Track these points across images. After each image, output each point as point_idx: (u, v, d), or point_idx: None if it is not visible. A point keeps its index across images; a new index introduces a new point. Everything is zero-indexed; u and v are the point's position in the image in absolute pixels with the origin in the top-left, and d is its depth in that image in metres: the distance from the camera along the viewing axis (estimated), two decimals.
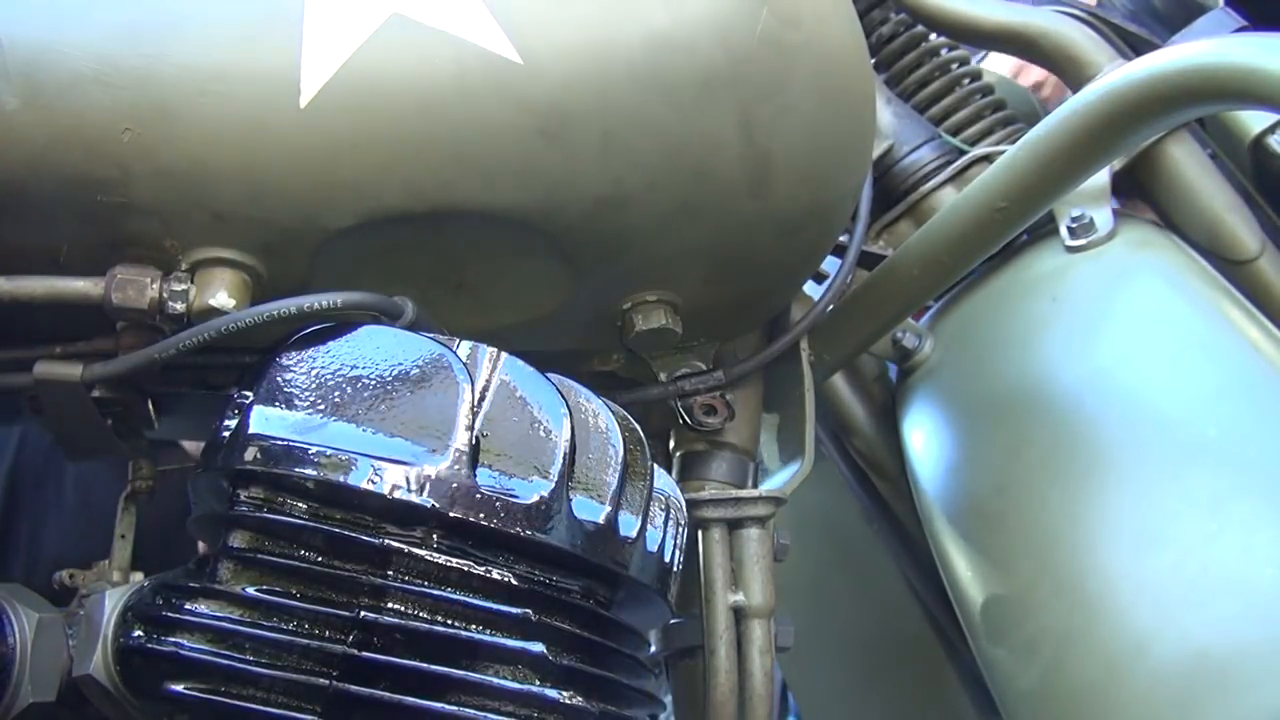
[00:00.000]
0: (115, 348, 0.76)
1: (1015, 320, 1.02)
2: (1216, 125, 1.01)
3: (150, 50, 0.70)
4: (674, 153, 0.76)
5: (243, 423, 0.67)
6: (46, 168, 0.70)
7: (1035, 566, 0.89)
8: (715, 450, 0.94)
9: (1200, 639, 0.78)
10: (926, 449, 1.04)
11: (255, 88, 0.70)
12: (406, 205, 0.74)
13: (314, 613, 0.63)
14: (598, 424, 0.71)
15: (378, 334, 0.70)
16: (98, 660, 0.69)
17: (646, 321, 0.83)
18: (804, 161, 0.80)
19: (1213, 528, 0.81)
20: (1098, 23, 1.05)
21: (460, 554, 0.65)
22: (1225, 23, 1.05)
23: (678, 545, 0.75)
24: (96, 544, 0.81)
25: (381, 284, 0.75)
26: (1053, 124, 0.86)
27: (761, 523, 0.91)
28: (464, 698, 0.63)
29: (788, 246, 0.84)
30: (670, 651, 0.94)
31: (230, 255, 0.74)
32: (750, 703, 0.88)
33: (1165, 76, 0.78)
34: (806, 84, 0.78)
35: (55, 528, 1.50)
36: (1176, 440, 0.87)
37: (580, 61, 0.73)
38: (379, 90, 0.71)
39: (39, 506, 1.52)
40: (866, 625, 1.30)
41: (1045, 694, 0.86)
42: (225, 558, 0.66)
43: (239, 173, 0.71)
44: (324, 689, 0.61)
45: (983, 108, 1.16)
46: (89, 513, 1.50)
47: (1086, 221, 1.00)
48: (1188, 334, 0.91)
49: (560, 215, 0.76)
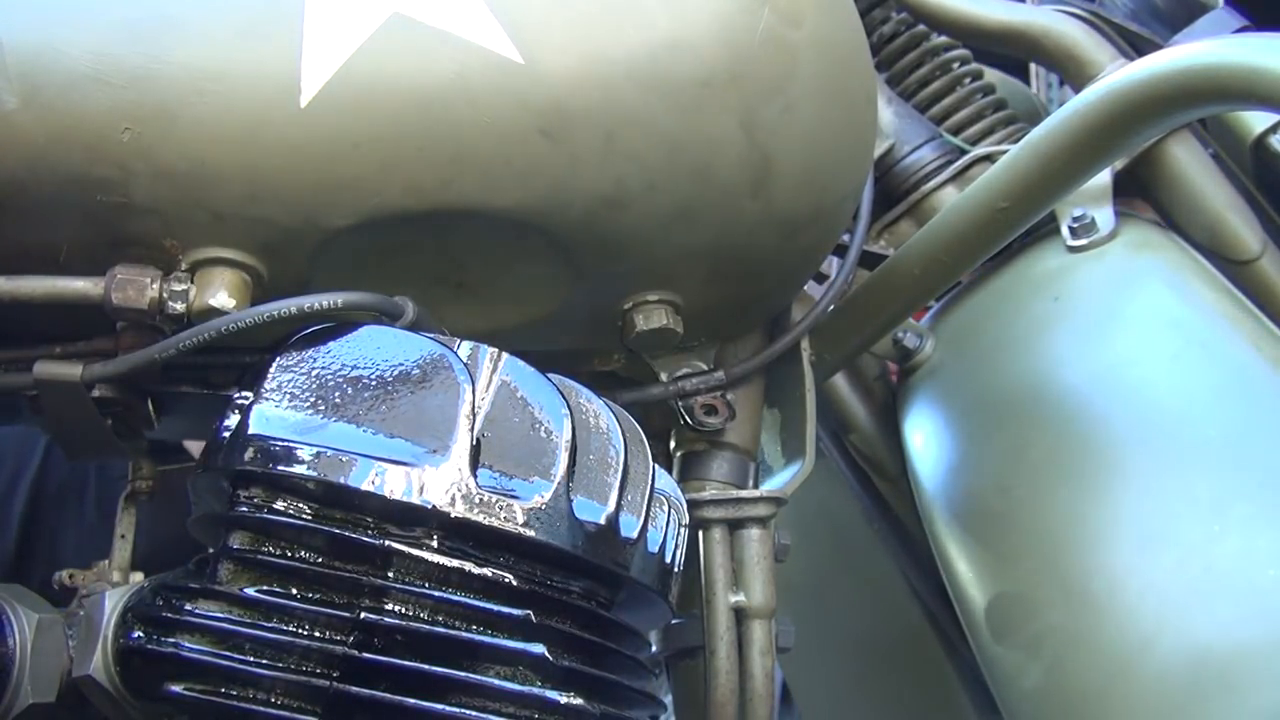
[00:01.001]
0: (115, 348, 0.76)
1: (1017, 320, 1.02)
2: (1218, 125, 1.01)
3: (150, 50, 0.70)
4: (675, 153, 0.76)
5: (243, 423, 0.67)
6: (46, 167, 0.70)
7: (1037, 566, 0.89)
8: (716, 450, 0.94)
9: (1203, 639, 0.78)
10: (927, 449, 1.04)
11: (255, 87, 0.70)
12: (407, 205, 0.74)
13: (314, 613, 0.63)
14: (599, 424, 0.71)
15: (378, 334, 0.70)
16: (98, 661, 0.69)
17: (647, 322, 0.83)
18: (805, 161, 0.80)
19: (1215, 528, 0.81)
20: (1099, 22, 1.05)
21: (461, 555, 0.64)
22: (1226, 23, 1.05)
23: (679, 546, 0.75)
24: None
25: (382, 284, 0.75)
26: (1054, 124, 0.85)
27: (762, 523, 0.91)
28: (464, 699, 0.62)
29: (789, 247, 0.84)
30: (671, 652, 0.94)
31: (230, 255, 0.74)
32: (751, 703, 0.88)
33: (1167, 76, 0.78)
34: (808, 84, 0.78)
35: (74, 546, 1.50)
36: (1178, 440, 0.87)
37: (581, 61, 0.73)
38: (379, 90, 0.71)
39: (59, 523, 1.51)
40: (866, 625, 1.30)
41: (1047, 694, 0.86)
42: (225, 558, 0.66)
43: (239, 172, 0.71)
44: (324, 690, 0.61)
45: (984, 107, 1.16)
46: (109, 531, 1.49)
47: (1088, 221, 1.00)
48: (1189, 334, 0.91)
49: (561, 215, 0.76)
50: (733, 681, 0.88)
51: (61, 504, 1.52)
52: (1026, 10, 1.06)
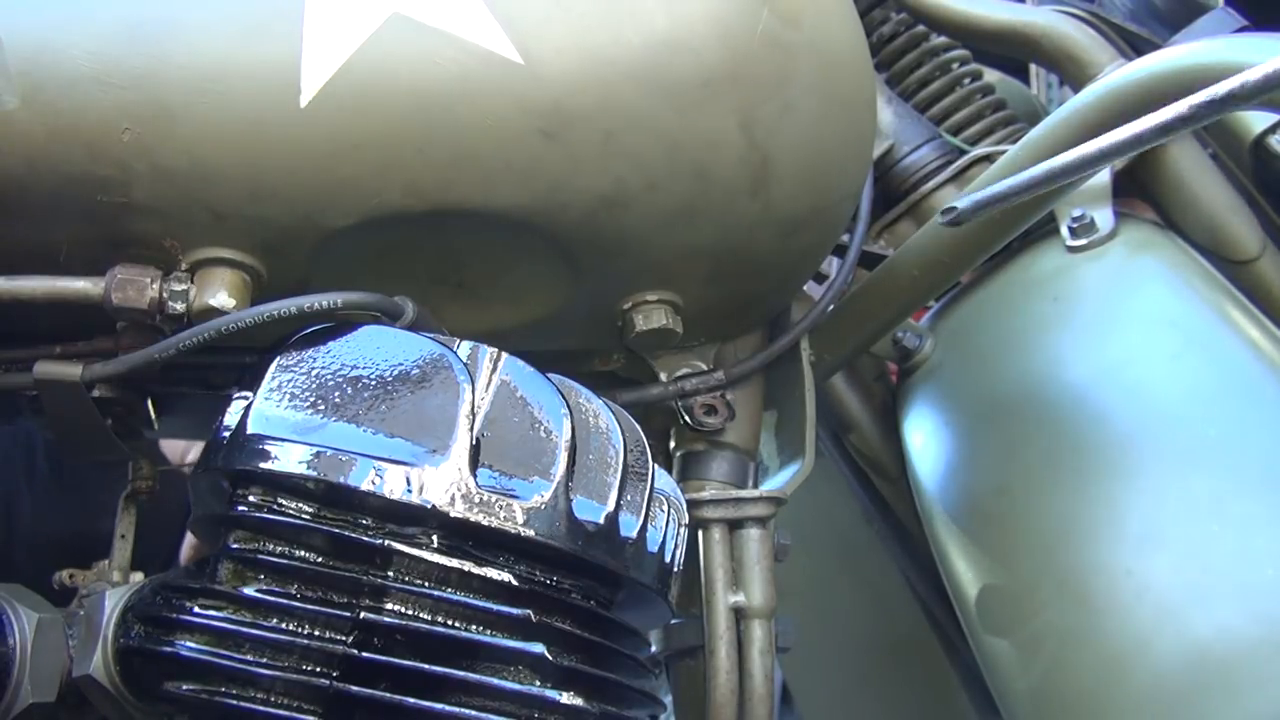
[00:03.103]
0: (115, 348, 0.76)
1: (1016, 320, 1.02)
2: (1217, 125, 1.01)
3: (150, 50, 0.70)
4: (675, 153, 0.76)
5: (243, 423, 0.67)
6: (47, 167, 0.70)
7: (1036, 566, 0.89)
8: (715, 450, 0.94)
9: (1201, 638, 0.78)
10: (927, 449, 1.04)
11: (255, 87, 0.70)
12: (407, 205, 0.74)
13: (314, 613, 0.63)
14: (598, 424, 0.71)
15: (378, 334, 0.70)
16: (98, 660, 0.69)
17: (647, 321, 0.83)
18: (805, 161, 0.80)
19: (1213, 528, 0.81)
20: (1099, 22, 1.05)
21: (461, 554, 0.65)
22: (1226, 22, 1.05)
23: (678, 546, 0.75)
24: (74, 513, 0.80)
25: (381, 284, 0.75)
26: (1054, 124, 0.86)
27: (762, 523, 0.91)
28: (464, 698, 0.62)
29: (788, 247, 0.84)
30: (670, 652, 0.94)
31: (230, 255, 0.74)
32: (750, 703, 0.88)
33: (1166, 76, 0.78)
34: (807, 84, 0.78)
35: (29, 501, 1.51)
36: (1178, 440, 0.87)
37: (581, 61, 0.73)
38: (379, 90, 0.71)
39: (12, 482, 1.52)
40: (866, 625, 1.30)
41: (1046, 693, 0.86)
42: (225, 558, 0.66)
43: (239, 172, 0.71)
44: (324, 689, 0.61)
45: (983, 107, 1.16)
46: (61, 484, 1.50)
47: (1088, 221, 1.00)
48: (1189, 334, 0.91)
49: (561, 215, 0.76)
50: (733, 681, 0.88)
51: (9, 461, 1.52)
52: (1026, 10, 1.06)
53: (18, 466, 1.54)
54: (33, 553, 1.48)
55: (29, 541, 1.50)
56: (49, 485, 1.52)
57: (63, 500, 1.49)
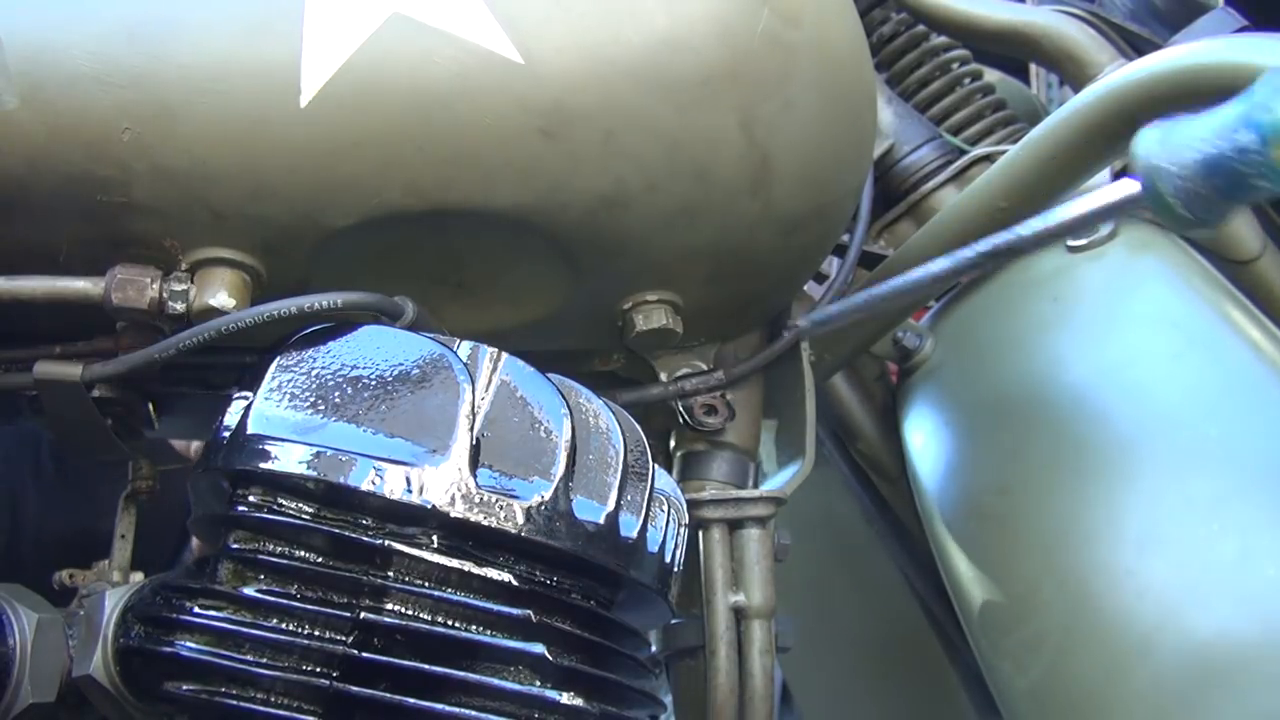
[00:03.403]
0: (115, 348, 0.76)
1: (1016, 320, 1.02)
2: None
3: (150, 50, 0.70)
4: (674, 152, 0.76)
5: (243, 423, 0.67)
6: (47, 166, 0.70)
7: (1036, 566, 0.89)
8: (716, 450, 0.94)
9: (1201, 639, 0.78)
10: (927, 449, 1.04)
11: (255, 87, 0.70)
12: (407, 205, 0.74)
13: (314, 613, 0.63)
14: (598, 424, 0.71)
15: (378, 334, 0.70)
16: (98, 660, 0.69)
17: (647, 321, 0.83)
18: (805, 161, 0.80)
19: (1214, 528, 0.81)
20: (1099, 22, 1.05)
21: (461, 554, 0.65)
22: (1226, 22, 1.04)
23: (678, 546, 0.75)
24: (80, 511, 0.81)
25: (381, 284, 0.75)
26: (1054, 123, 0.85)
27: (762, 523, 0.91)
28: (464, 698, 0.62)
29: (788, 246, 0.84)
30: (671, 652, 0.94)
31: (230, 255, 0.74)
32: (750, 703, 0.88)
33: (1166, 76, 0.78)
34: (807, 83, 0.78)
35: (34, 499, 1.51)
36: (1178, 440, 0.87)
37: (581, 61, 0.73)
38: (379, 90, 0.71)
39: (18, 480, 1.52)
40: (866, 625, 1.30)
41: (1046, 694, 0.86)
42: (225, 558, 0.66)
43: (239, 172, 0.71)
44: (324, 689, 0.61)
45: (983, 107, 1.16)
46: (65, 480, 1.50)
47: None
48: (1189, 334, 0.91)
49: (561, 215, 0.76)
50: (732, 681, 0.88)
51: (16, 460, 1.53)
52: (1026, 10, 1.06)
53: (23, 464, 1.54)
54: (39, 549, 1.48)
55: (35, 538, 1.51)
56: (54, 483, 1.53)
57: (68, 498, 1.49)
